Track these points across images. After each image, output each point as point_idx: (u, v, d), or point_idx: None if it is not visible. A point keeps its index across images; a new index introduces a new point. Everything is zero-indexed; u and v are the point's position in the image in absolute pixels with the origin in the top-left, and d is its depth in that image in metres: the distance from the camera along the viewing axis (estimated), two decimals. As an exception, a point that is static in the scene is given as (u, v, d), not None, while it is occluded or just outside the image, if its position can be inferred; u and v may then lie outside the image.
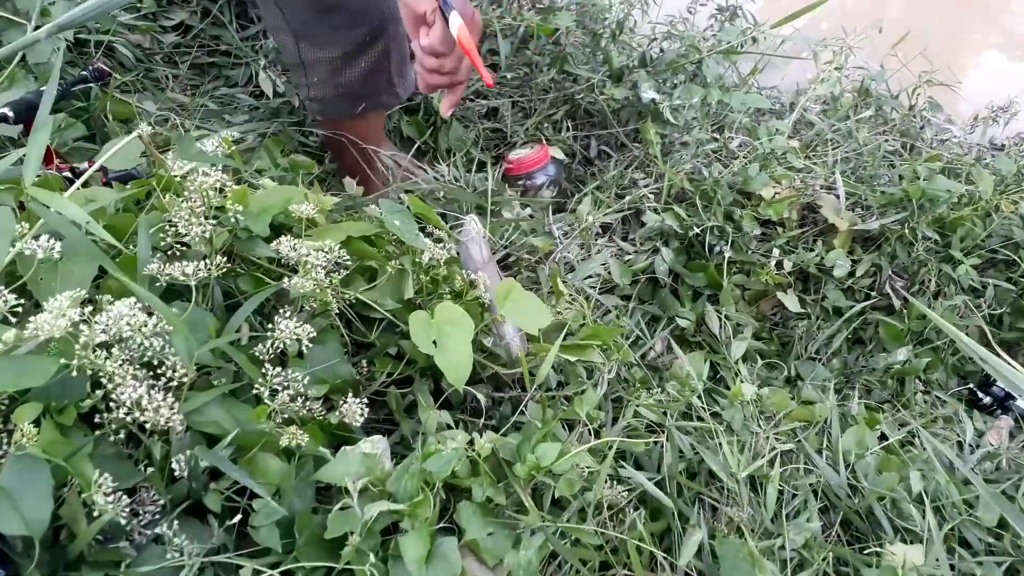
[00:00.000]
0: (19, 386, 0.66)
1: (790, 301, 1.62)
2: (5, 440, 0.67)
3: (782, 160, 1.78)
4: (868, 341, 1.65)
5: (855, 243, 1.71)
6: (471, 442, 0.95)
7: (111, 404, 0.73)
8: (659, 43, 1.98)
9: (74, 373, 0.69)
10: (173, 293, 0.89)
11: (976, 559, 1.10)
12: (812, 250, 1.65)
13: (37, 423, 0.67)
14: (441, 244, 1.15)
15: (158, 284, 0.81)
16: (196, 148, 0.87)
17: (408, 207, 1.17)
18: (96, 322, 0.70)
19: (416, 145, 1.76)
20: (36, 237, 0.73)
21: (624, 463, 1.14)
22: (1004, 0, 3.25)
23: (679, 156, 1.78)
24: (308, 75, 1.48)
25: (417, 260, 1.14)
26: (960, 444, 1.34)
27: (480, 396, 1.06)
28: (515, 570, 0.86)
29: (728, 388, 1.40)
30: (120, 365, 0.73)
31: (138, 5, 1.61)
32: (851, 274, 1.65)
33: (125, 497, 0.69)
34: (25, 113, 1.05)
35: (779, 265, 1.62)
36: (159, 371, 0.76)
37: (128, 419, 0.73)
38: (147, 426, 0.73)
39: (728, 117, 1.89)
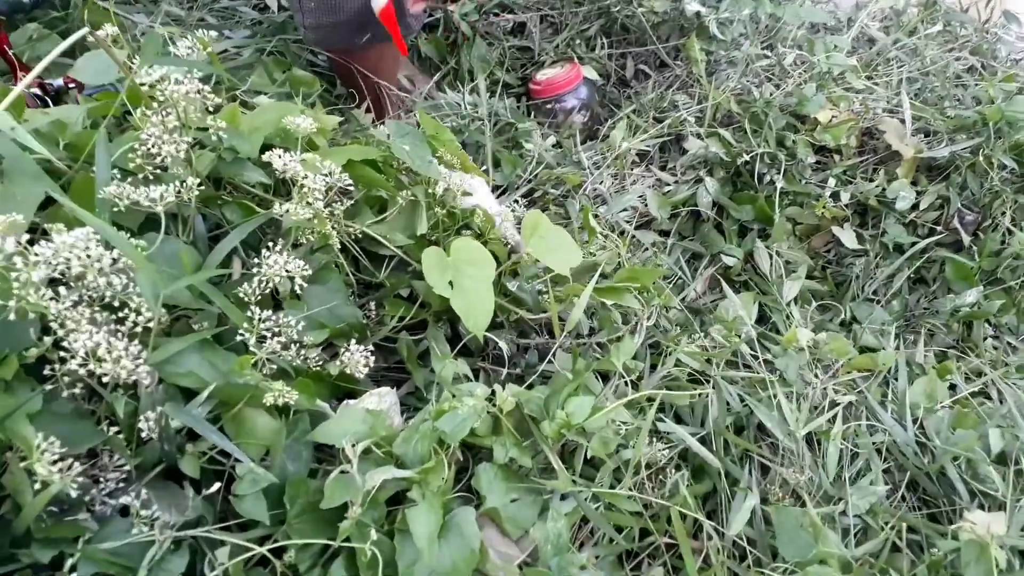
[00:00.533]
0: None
1: (847, 236, 1.47)
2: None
3: (840, 80, 1.60)
4: (932, 281, 1.49)
5: (920, 173, 1.54)
6: (492, 395, 0.83)
7: (63, 354, 0.62)
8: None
9: (12, 316, 0.57)
10: (150, 225, 0.77)
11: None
12: (872, 180, 1.48)
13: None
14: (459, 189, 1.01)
15: (116, 209, 0.68)
16: (163, 49, 0.73)
17: (421, 129, 1.03)
18: (35, 254, 0.57)
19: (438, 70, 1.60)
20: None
21: (664, 417, 1.01)
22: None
23: (726, 75, 1.60)
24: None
25: (432, 191, 1.01)
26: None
27: (502, 343, 0.94)
28: (542, 543, 0.74)
29: (779, 333, 1.27)
30: (71, 308, 0.61)
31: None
32: (915, 207, 1.48)
33: (77, 464, 0.58)
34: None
35: (835, 197, 1.46)
36: (121, 315, 0.64)
37: (84, 371, 0.61)
38: (105, 379, 0.61)
39: (780, 33, 1.70)
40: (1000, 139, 1.49)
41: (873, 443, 1.04)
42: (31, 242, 0.60)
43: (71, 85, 1.01)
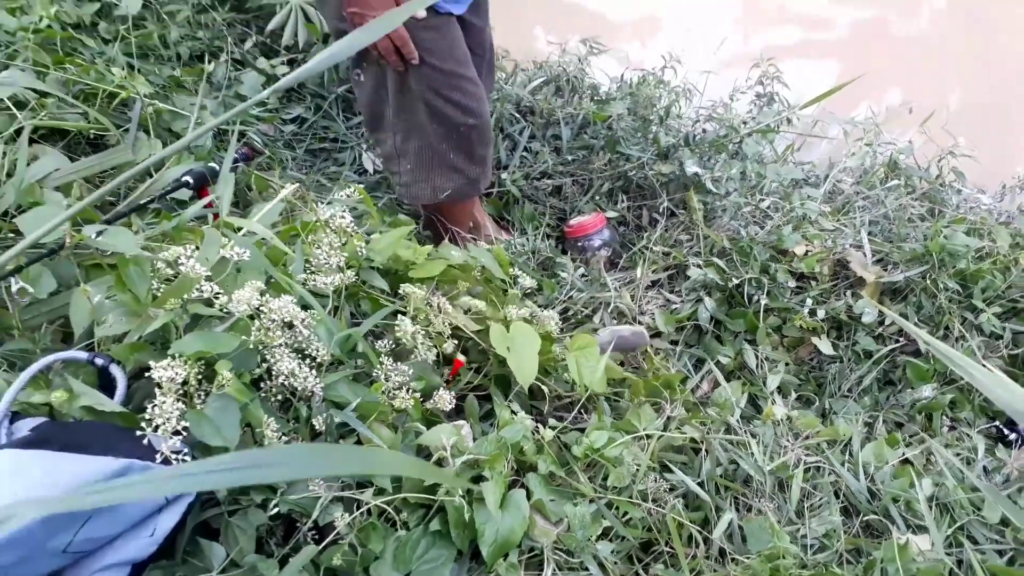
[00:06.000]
0: (215, 351, 0.93)
1: (824, 345, 1.81)
2: (205, 386, 0.94)
3: (814, 222, 2.00)
4: (898, 382, 1.81)
5: (883, 295, 1.90)
6: (537, 430, 1.18)
7: (272, 374, 1.00)
8: (702, 125, 2.25)
9: (250, 346, 0.96)
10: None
11: (979, 549, 1.25)
12: (842, 300, 1.85)
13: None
14: (517, 283, 1.41)
15: (306, 288, 1.08)
16: (318, 198, 1.16)
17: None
18: (270, 308, 0.97)
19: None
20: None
21: (669, 464, 1.34)
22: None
23: (720, 221, 2.02)
24: (401, 165, 1.74)
25: (492, 298, 1.40)
26: (969, 460, 1.48)
27: (545, 388, 1.29)
28: (572, 521, 1.07)
29: (764, 414, 1.59)
30: (280, 346, 1.00)
31: (266, 102, 1.99)
32: (880, 322, 1.83)
33: (284, 437, 0.95)
34: (197, 181, 1.37)
35: (813, 313, 1.82)
36: (305, 354, 1.03)
37: (284, 384, 0.99)
38: (297, 391, 0.99)
39: (764, 186, 2.13)
40: (945, 267, 1.86)
41: (831, 484, 1.34)
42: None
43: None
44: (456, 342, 1.29)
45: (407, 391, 1.13)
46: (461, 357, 1.23)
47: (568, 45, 2.46)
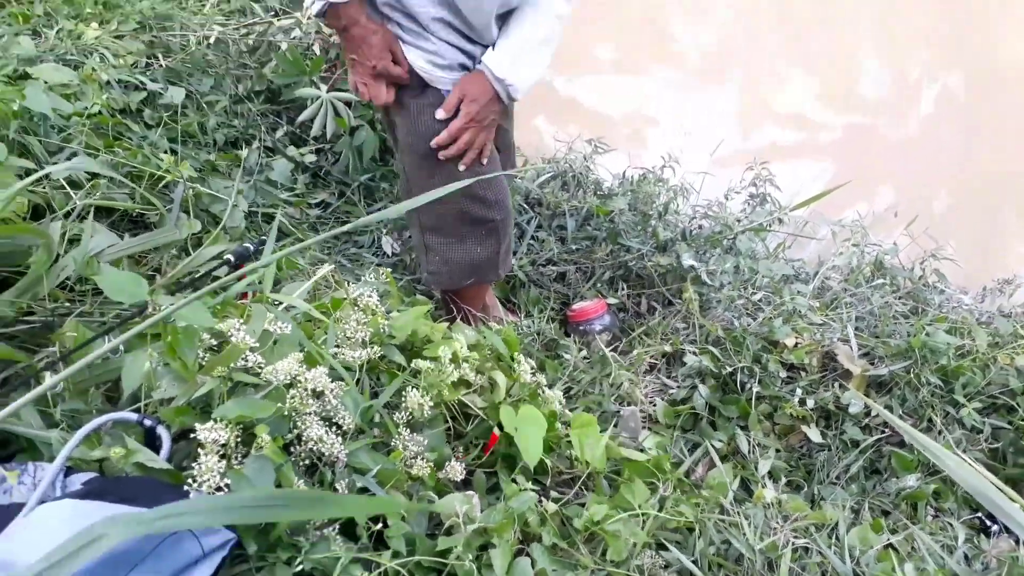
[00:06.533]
0: (254, 416, 1.03)
1: (813, 433, 1.90)
2: (242, 449, 1.03)
3: (804, 317, 2.12)
4: (884, 471, 1.89)
5: (870, 387, 2.00)
6: (540, 501, 1.26)
7: (301, 439, 1.09)
8: (698, 221, 2.40)
9: (284, 412, 1.06)
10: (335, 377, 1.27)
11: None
12: (830, 390, 1.94)
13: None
14: (522, 366, 1.51)
15: (337, 359, 1.18)
16: (340, 279, 1.28)
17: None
18: (306, 378, 1.07)
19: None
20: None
21: (664, 542, 1.41)
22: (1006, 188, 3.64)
23: (715, 311, 2.14)
24: (429, 256, 1.87)
25: (498, 380, 1.50)
26: (951, 548, 1.55)
27: (548, 463, 1.37)
28: (573, 590, 1.14)
29: (755, 497, 1.66)
30: (310, 414, 1.10)
31: (294, 187, 2.14)
32: (867, 413, 1.92)
33: (313, 496, 1.03)
34: (237, 259, 1.49)
35: (802, 402, 1.92)
36: (332, 421, 1.12)
37: (312, 449, 1.08)
38: (324, 456, 1.08)
39: (757, 282, 2.26)
40: (927, 363, 1.96)
41: (818, 565, 1.41)
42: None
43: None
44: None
45: (423, 460, 1.21)
46: (497, 431, 1.32)
47: (574, 144, 2.64)
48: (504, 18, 1.67)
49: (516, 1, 1.63)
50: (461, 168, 1.69)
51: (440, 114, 1.62)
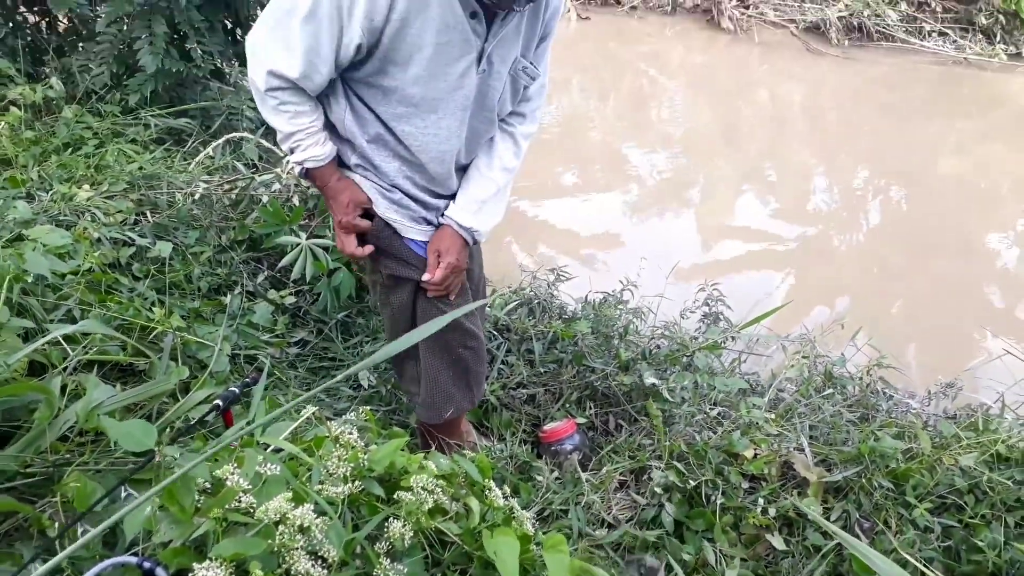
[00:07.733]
0: (248, 553, 1.12)
1: (776, 541, 1.99)
2: (237, 587, 1.11)
3: (760, 428, 2.25)
4: (846, 574, 1.97)
5: (827, 493, 2.11)
6: (517, 623, 1.33)
7: (289, 574, 1.17)
8: (656, 341, 2.56)
9: (274, 548, 1.15)
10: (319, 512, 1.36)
11: None
12: (789, 499, 2.05)
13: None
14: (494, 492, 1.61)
15: (321, 495, 1.28)
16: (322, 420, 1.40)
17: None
18: (294, 515, 1.17)
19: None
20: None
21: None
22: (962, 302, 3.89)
23: (678, 427, 2.27)
24: (412, 388, 2.02)
25: (473, 506, 1.60)
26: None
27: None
28: None
29: (724, 607, 1.74)
30: (298, 549, 1.19)
31: (274, 328, 2.27)
32: (826, 518, 2.03)
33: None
34: (225, 403, 1.60)
35: (764, 511, 2.01)
36: (318, 555, 1.21)
37: (301, 582, 1.16)
38: (312, 588, 1.16)
39: (714, 397, 2.40)
40: (877, 467, 2.09)
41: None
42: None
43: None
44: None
45: (403, 588, 1.29)
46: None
47: (538, 272, 2.83)
48: (463, 169, 1.88)
49: (470, 158, 1.85)
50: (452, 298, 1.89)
51: (427, 277, 1.83)
